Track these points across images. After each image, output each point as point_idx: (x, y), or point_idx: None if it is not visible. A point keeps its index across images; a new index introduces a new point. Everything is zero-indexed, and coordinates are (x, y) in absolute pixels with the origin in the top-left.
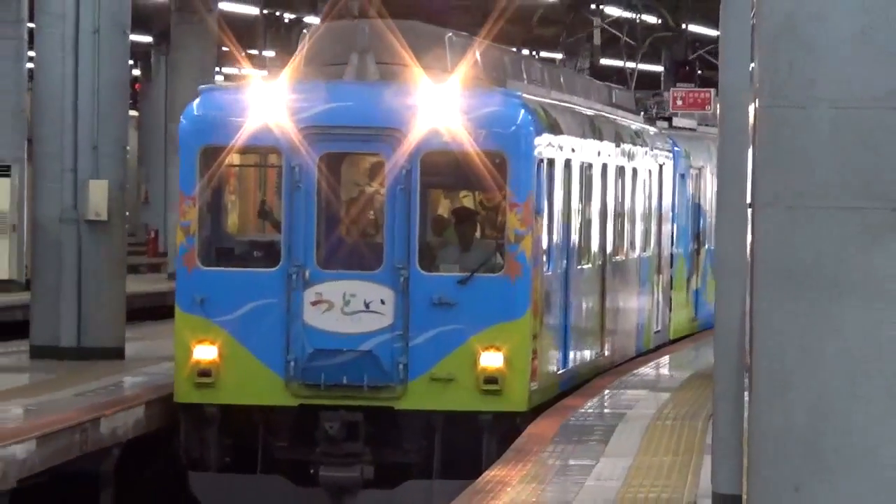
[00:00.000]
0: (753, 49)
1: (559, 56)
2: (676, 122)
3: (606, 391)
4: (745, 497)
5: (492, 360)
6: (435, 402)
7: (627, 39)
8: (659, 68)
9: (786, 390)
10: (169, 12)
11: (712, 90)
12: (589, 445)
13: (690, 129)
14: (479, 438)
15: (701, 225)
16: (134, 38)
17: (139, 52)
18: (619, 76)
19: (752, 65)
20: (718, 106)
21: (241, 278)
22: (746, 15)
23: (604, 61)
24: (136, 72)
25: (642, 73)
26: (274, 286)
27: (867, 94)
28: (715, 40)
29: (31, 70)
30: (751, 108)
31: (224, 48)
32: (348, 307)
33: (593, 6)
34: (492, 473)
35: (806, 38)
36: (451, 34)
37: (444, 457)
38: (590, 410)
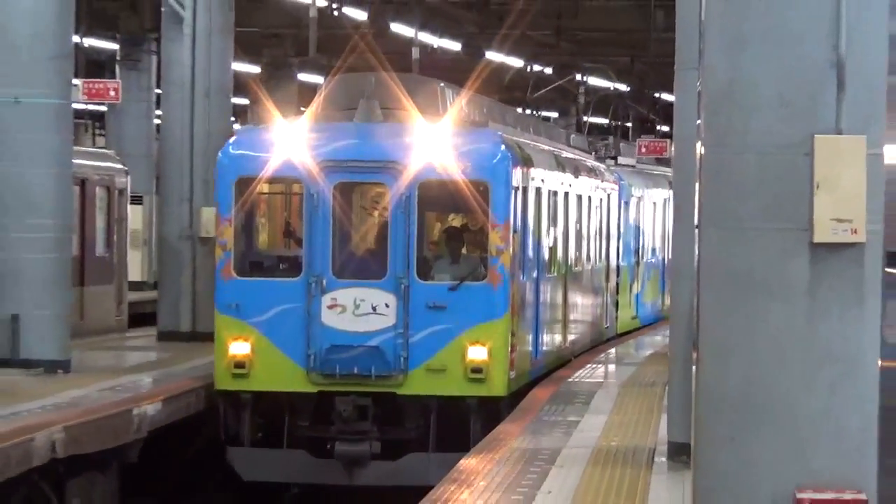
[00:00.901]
0: (700, 108)
1: (555, 115)
2: (620, 160)
3: (588, 366)
4: (692, 445)
5: (477, 353)
6: (430, 388)
7: (578, 94)
8: (604, 120)
9: (724, 365)
10: (260, 82)
11: (668, 140)
12: (575, 406)
13: (631, 166)
14: (466, 418)
15: (640, 242)
16: (235, 100)
17: (239, 111)
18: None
19: (699, 121)
20: (673, 151)
21: (269, 286)
22: (694, 84)
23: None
24: (237, 126)
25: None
26: (297, 293)
27: (783, 143)
28: (661, 101)
29: (157, 125)
30: (698, 153)
31: (302, 108)
32: (358, 310)
33: (578, 77)
34: (503, 427)
35: (739, 101)
36: (442, 84)
37: (438, 434)
38: (576, 380)
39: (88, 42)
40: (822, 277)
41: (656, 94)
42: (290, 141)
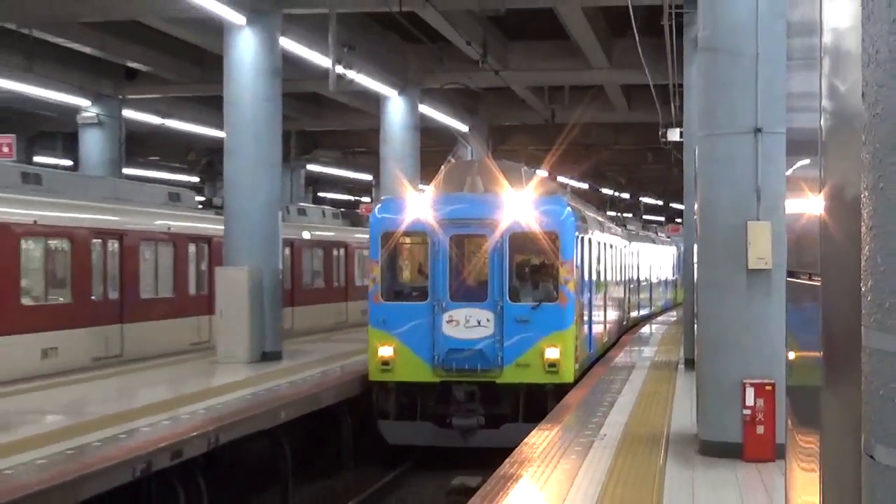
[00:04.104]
0: (696, 211)
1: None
2: (628, 226)
3: (645, 327)
4: (696, 359)
5: (552, 353)
6: (519, 378)
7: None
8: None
9: (708, 324)
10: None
11: (681, 225)
12: (642, 340)
13: (635, 231)
14: (545, 399)
15: (638, 272)
16: None
17: None
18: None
19: (695, 216)
20: (684, 230)
21: (406, 308)
22: (693, 200)
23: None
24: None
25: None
26: (425, 312)
27: (733, 225)
28: (676, 209)
29: None
30: (696, 231)
31: None
32: (468, 324)
33: (639, 198)
34: (611, 353)
35: (713, 207)
36: (524, 167)
37: (525, 410)
38: (642, 334)
39: None
40: (752, 284)
41: (675, 205)
42: (419, 206)
